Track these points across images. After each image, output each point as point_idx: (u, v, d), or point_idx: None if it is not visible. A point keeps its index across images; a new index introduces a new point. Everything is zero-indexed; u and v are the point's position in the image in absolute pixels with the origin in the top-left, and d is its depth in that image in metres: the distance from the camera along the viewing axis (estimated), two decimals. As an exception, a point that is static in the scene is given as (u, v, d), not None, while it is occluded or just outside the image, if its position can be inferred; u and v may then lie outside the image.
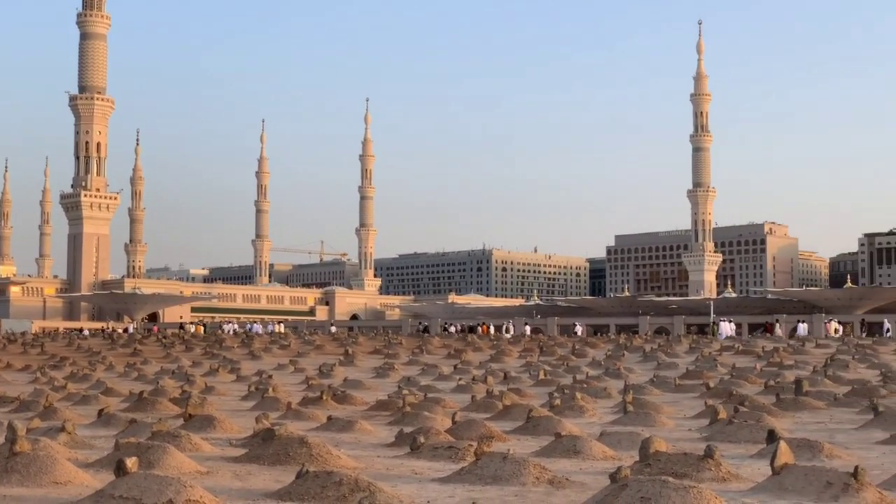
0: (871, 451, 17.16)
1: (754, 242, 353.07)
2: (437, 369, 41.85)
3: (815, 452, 15.60)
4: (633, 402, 24.41)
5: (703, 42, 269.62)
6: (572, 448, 15.98)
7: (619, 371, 39.67)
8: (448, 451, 15.67)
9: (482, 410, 24.29)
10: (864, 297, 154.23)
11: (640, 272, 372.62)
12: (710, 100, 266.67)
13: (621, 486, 10.88)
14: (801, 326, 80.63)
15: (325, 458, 14.56)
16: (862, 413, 23.68)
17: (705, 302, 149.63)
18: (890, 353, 52.23)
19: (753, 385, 32.96)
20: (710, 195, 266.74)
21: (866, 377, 36.38)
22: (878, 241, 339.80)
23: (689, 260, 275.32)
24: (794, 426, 21.39)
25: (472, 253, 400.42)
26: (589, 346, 61.00)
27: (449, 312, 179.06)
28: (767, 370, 39.30)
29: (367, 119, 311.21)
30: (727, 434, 18.65)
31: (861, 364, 43.35)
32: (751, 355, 49.56)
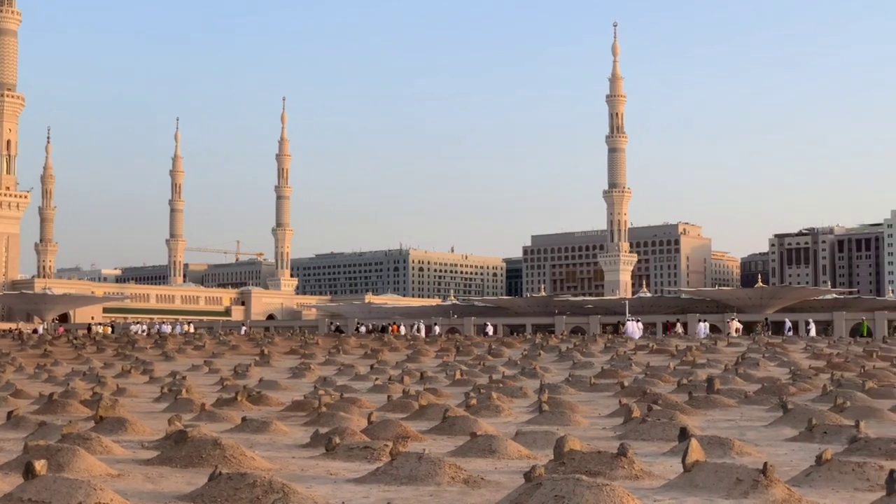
0: (780, 448, 17.45)
1: (668, 243, 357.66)
2: (353, 369, 41.73)
3: (725, 450, 15.82)
4: (549, 401, 24.55)
5: (618, 44, 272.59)
6: (488, 447, 16.02)
7: (535, 370, 39.89)
8: (363, 451, 15.62)
9: (398, 410, 24.26)
10: (774, 297, 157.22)
11: (556, 272, 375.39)
12: (626, 101, 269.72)
13: (535, 485, 10.93)
14: (701, 326, 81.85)
15: (239, 460, 14.42)
16: (771, 410, 24.08)
17: (621, 302, 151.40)
18: (799, 351, 53.23)
19: (667, 384, 33.36)
20: (626, 196, 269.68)
21: (776, 375, 37.03)
22: (787, 241, 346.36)
23: (605, 260, 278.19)
24: (706, 424, 21.68)
25: (389, 253, 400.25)
26: (505, 345, 61.26)
27: (366, 312, 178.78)
28: (681, 369, 39.81)
29: (283, 118, 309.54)
30: (641, 432, 18.83)
31: (771, 362, 44.11)
32: (665, 354, 50.16)
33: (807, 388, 31.15)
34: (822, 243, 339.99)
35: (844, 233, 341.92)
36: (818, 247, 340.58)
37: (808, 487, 12.47)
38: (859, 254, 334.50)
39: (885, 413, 22.89)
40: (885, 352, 50.74)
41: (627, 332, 75.31)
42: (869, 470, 12.79)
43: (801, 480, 12.85)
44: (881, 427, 20.58)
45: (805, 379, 34.19)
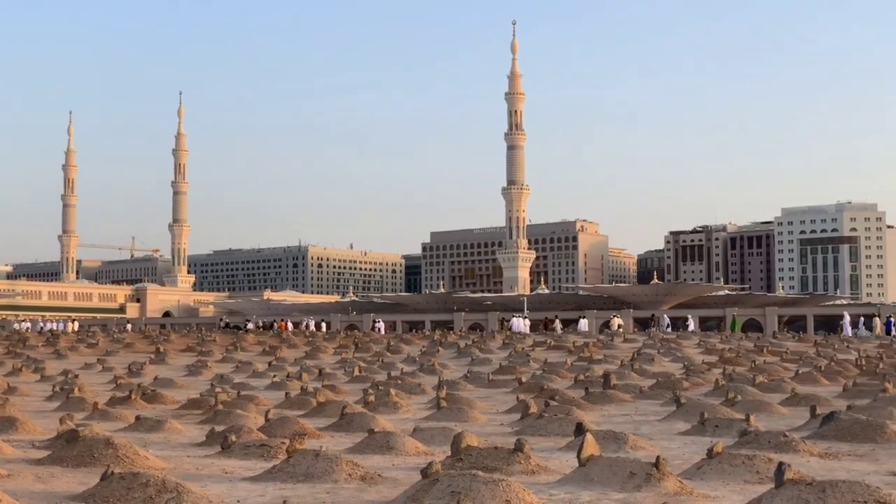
0: (674, 442, 17.75)
1: (566, 240, 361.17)
2: (251, 366, 41.37)
3: (620, 444, 16.04)
4: (447, 397, 24.63)
5: (517, 42, 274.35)
6: (385, 444, 16.01)
7: (434, 367, 39.98)
8: (260, 449, 15.50)
9: (296, 408, 24.12)
10: (669, 293, 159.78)
11: (455, 269, 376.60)
12: (524, 99, 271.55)
13: (432, 481, 10.95)
14: (581, 322, 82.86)
15: (132, 459, 14.20)
16: (666, 405, 24.46)
17: (519, 298, 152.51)
18: (693, 346, 54.18)
19: (564, 379, 33.70)
20: (524, 193, 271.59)
21: (670, 370, 37.66)
22: (682, 238, 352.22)
23: (504, 257, 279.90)
24: (602, 419, 21.95)
25: (287, 249, 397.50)
26: (404, 342, 61.29)
27: (264, 309, 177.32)
28: (578, 365, 40.24)
29: (180, 113, 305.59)
30: (537, 428, 18.99)
31: (665, 357, 44.83)
32: (562, 350, 50.64)
33: (700, 382, 31.73)
34: (715, 241, 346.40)
35: (737, 230, 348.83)
36: (712, 244, 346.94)
37: (700, 480, 12.70)
38: (751, 251, 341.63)
39: (775, 407, 23.43)
40: (775, 347, 51.89)
41: (513, 328, 77.71)
42: (758, 462, 13.06)
43: (693, 473, 13.08)
44: (771, 420, 21.06)
45: (698, 374, 34.81)
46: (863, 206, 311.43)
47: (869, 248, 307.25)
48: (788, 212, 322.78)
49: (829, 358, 42.91)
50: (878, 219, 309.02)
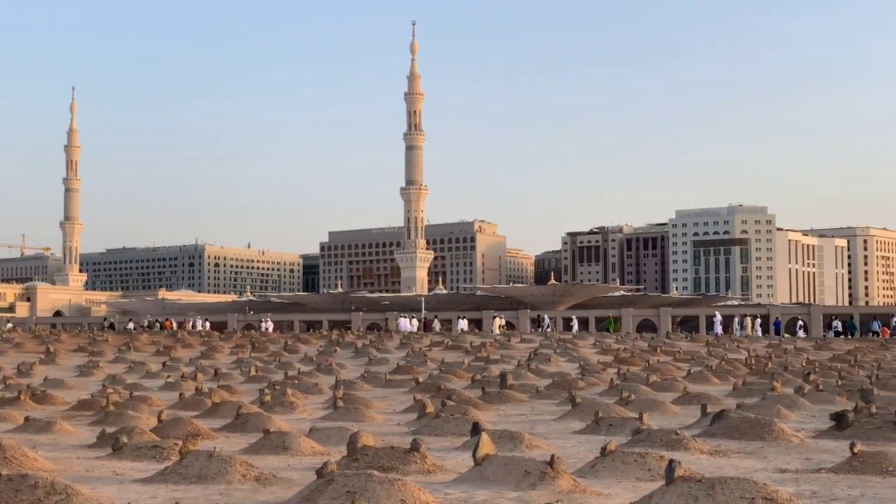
0: (569, 441, 17.93)
1: (465, 240, 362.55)
2: (144, 367, 40.76)
3: (516, 443, 16.15)
4: (344, 397, 24.57)
5: (416, 42, 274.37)
6: (281, 444, 15.90)
7: (331, 367, 39.85)
8: (152, 450, 15.27)
9: (190, 408, 23.83)
10: (566, 294, 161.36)
11: (353, 269, 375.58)
12: (424, 99, 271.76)
13: (327, 481, 10.90)
14: (460, 322, 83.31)
15: (21, 461, 13.87)
16: (561, 404, 24.71)
17: (417, 298, 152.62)
18: (588, 346, 54.82)
19: (461, 379, 33.84)
20: (423, 193, 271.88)
21: (566, 370, 38.05)
22: (579, 239, 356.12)
23: (402, 257, 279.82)
24: (498, 418, 22.09)
25: (183, 248, 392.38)
26: (301, 341, 60.95)
27: (159, 309, 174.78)
28: (475, 365, 40.44)
29: (73, 109, 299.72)
30: (434, 427, 19.04)
31: (562, 357, 45.29)
32: (460, 350, 50.83)
33: (595, 382, 32.13)
34: (611, 242, 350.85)
35: (632, 232, 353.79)
36: (608, 245, 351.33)
37: (594, 478, 12.84)
38: (646, 252, 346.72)
39: (667, 405, 23.83)
40: (668, 347, 52.77)
41: (400, 328, 78.08)
42: (650, 460, 13.26)
43: (587, 471, 13.22)
44: (663, 419, 21.40)
45: (593, 373, 35.26)
46: (753, 209, 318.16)
47: (759, 250, 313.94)
48: (682, 214, 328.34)
49: (720, 357, 43.79)
50: (767, 221, 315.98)
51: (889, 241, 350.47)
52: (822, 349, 53.14)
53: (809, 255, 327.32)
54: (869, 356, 45.85)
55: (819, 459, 15.14)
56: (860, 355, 45.34)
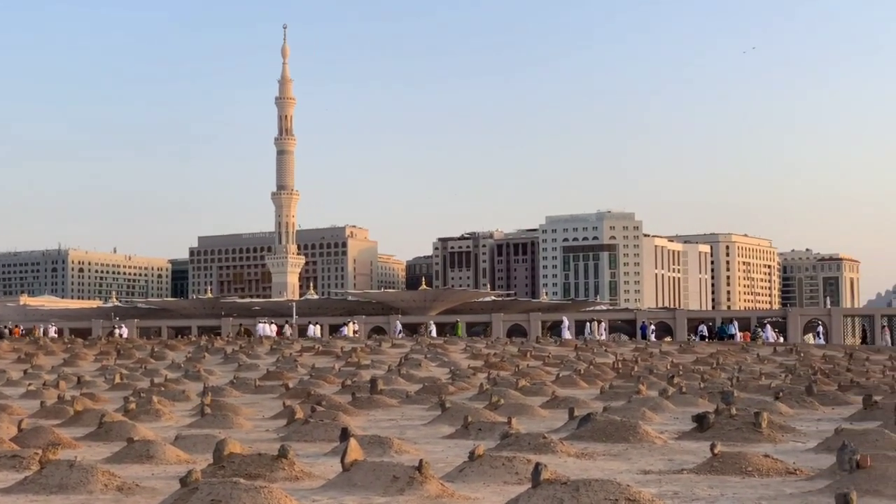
0: (438, 445, 18.00)
1: (336, 245, 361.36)
2: (5, 374, 39.60)
3: (385, 448, 16.14)
4: (212, 404, 24.24)
5: (287, 46, 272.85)
6: (145, 453, 15.61)
7: (199, 373, 39.27)
8: (11, 460, 14.84)
9: (52, 417, 23.24)
10: (437, 299, 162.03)
11: (223, 274, 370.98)
12: (295, 103, 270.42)
13: (191, 490, 10.74)
14: (310, 328, 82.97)
15: None
16: (431, 409, 24.78)
17: (287, 304, 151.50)
18: (459, 351, 55.05)
19: (331, 385, 33.69)
20: (294, 198, 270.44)
21: (437, 375, 38.19)
22: (450, 245, 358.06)
23: (273, 262, 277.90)
24: (368, 424, 22.04)
25: (46, 253, 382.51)
26: (169, 348, 59.89)
27: (21, 315, 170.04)
28: (345, 370, 40.30)
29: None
30: (303, 433, 18.92)
31: (433, 363, 45.41)
32: (331, 355, 50.58)
33: (465, 386, 32.32)
34: (482, 247, 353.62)
35: (503, 238, 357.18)
36: (479, 251, 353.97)
37: (462, 482, 12.91)
38: (517, 258, 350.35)
39: (536, 409, 24.10)
40: (538, 351, 53.32)
41: (259, 333, 77.40)
42: (518, 464, 13.39)
43: (456, 476, 13.28)
44: (532, 423, 21.63)
45: (464, 378, 35.46)
46: (621, 215, 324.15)
47: (627, 255, 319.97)
48: (552, 220, 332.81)
49: (588, 362, 44.42)
50: (635, 227, 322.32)
51: (750, 248, 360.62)
52: (686, 352, 54.34)
53: (675, 260, 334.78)
54: (731, 359, 47.05)
55: (681, 460, 15.48)
56: (722, 358, 46.50)
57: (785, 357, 50.80)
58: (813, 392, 27.16)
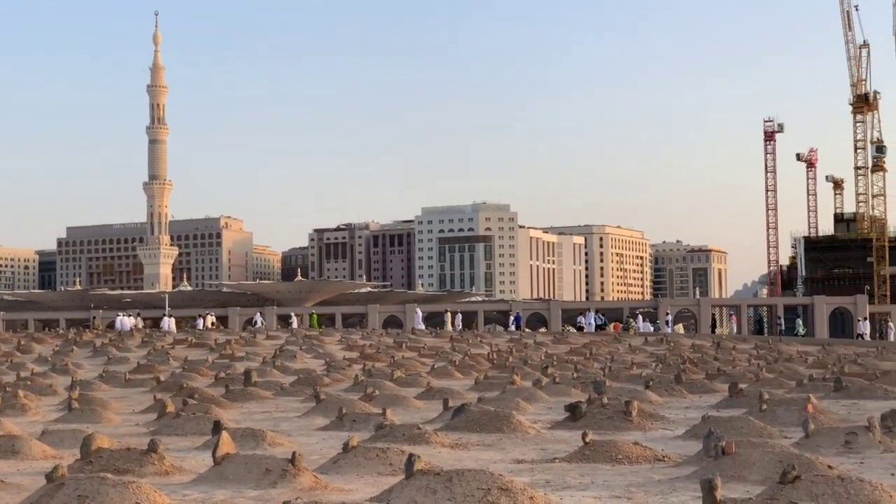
0: (312, 437, 17.91)
1: (210, 236, 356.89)
2: None
3: (258, 441, 15.99)
4: (80, 398, 23.70)
5: (160, 33, 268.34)
6: (10, 449, 15.20)
7: (67, 367, 38.39)
8: None
9: (-90, 413, 22.45)
10: (312, 290, 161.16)
11: (93, 265, 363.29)
12: (167, 92, 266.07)
13: (58, 486, 10.49)
14: (164, 321, 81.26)
15: None
16: (306, 401, 24.65)
17: (160, 295, 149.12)
18: (335, 343, 54.85)
19: (204, 377, 33.25)
20: (167, 188, 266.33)
21: (312, 367, 37.98)
22: (326, 236, 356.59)
23: (145, 253, 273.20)
24: (242, 416, 21.83)
25: None
26: (36, 341, 58.41)
27: None
28: (219, 362, 39.81)
29: None
30: (175, 427, 18.64)
31: (308, 354, 45.16)
32: (204, 348, 49.93)
33: (340, 378, 32.23)
34: (358, 239, 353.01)
35: (379, 229, 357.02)
36: (355, 242, 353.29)
37: (336, 474, 12.87)
38: (392, 249, 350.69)
39: (411, 400, 24.16)
40: (413, 342, 53.45)
41: (117, 327, 75.42)
42: (392, 455, 13.40)
43: (329, 468, 13.24)
44: (407, 414, 21.67)
45: (339, 370, 35.35)
46: (497, 206, 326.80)
47: (502, 246, 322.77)
48: (428, 211, 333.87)
49: (463, 353, 44.70)
50: (510, 219, 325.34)
51: (623, 239, 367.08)
52: (560, 343, 55.05)
53: (549, 251, 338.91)
54: (603, 349, 47.82)
55: (554, 449, 15.67)
56: (595, 349, 47.23)
57: (656, 347, 51.85)
58: (682, 381, 27.76)
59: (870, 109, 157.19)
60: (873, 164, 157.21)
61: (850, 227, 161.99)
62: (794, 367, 35.63)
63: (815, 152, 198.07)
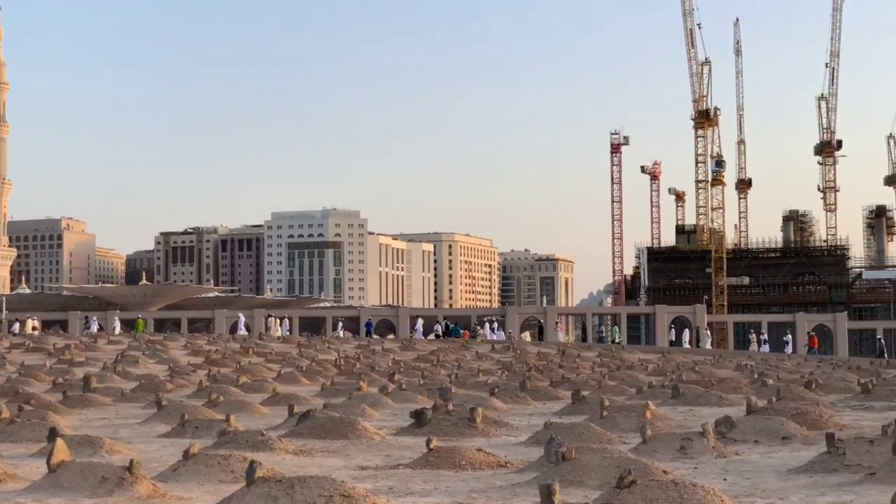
0: (153, 444, 17.57)
1: (51, 238, 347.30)
2: None
3: (96, 448, 15.60)
4: None
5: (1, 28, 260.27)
6: None
7: None
8: None
9: None
10: (158, 294, 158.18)
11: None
12: (9, 88, 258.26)
13: None
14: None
15: None
16: (147, 407, 24.15)
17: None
18: (179, 348, 53.92)
19: (42, 383, 32.32)
20: (6, 188, 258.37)
21: (155, 372, 37.26)
22: (173, 239, 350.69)
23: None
24: (80, 423, 21.27)
25: None
26: None
27: None
28: (57, 367, 38.73)
29: None
30: (9, 434, 18.06)
31: (151, 359, 44.28)
32: (42, 352, 48.49)
33: (184, 384, 31.69)
34: (206, 242, 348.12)
35: (228, 233, 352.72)
36: (203, 245, 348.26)
37: (175, 482, 12.65)
38: (241, 253, 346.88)
39: (256, 406, 23.91)
40: (260, 348, 52.90)
41: None
42: (234, 462, 13.24)
43: (169, 476, 13.00)
44: (251, 420, 21.43)
45: (183, 375, 34.77)
46: (347, 212, 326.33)
47: (352, 252, 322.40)
48: (278, 216, 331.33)
49: (310, 358, 44.45)
50: (360, 225, 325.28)
51: (472, 247, 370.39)
52: (407, 349, 55.20)
53: (399, 258, 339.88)
54: (451, 356, 48.15)
55: (398, 456, 15.71)
56: (442, 355, 47.51)
57: (502, 354, 52.43)
58: (526, 388, 28.13)
59: (710, 125, 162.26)
60: (713, 178, 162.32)
61: (690, 238, 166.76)
62: (635, 375, 36.50)
63: (658, 165, 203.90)
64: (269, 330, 79.87)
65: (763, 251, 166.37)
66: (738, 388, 29.54)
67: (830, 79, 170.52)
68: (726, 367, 44.58)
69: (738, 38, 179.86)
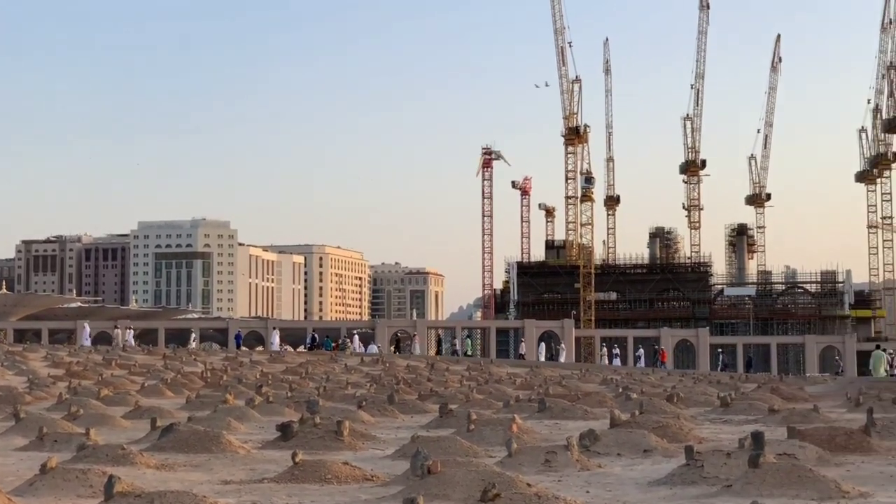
0: (10, 458, 17.10)
1: None
2: None
3: (-52, 463, 15.12)
4: None
5: None
6: None
7: None
8: None
9: None
10: (18, 304, 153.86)
11: None
12: None
13: None
14: None
15: None
16: (5, 420, 23.49)
17: None
18: (40, 359, 52.56)
19: None
20: None
21: (13, 384, 36.22)
22: (35, 248, 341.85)
23: None
24: (-68, 436, 20.58)
25: None
26: None
27: None
28: None
29: None
30: None
31: (9, 370, 43.06)
32: None
33: (44, 396, 30.90)
34: (69, 251, 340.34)
35: (92, 242, 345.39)
36: (66, 254, 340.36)
37: (32, 497, 12.34)
38: (106, 263, 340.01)
39: (118, 420, 23.43)
40: (124, 360, 51.88)
41: None
42: (92, 476, 12.96)
43: (25, 490, 12.68)
44: (112, 433, 20.98)
45: (42, 387, 33.88)
46: (216, 223, 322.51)
47: (221, 264, 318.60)
48: (145, 225, 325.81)
49: (176, 371, 43.74)
50: (230, 236, 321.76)
51: (343, 260, 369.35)
52: (276, 362, 54.74)
53: (269, 270, 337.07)
54: (319, 369, 47.91)
55: (263, 469, 15.55)
56: (311, 368, 47.25)
57: (371, 367, 52.39)
58: (394, 401, 28.14)
59: (580, 142, 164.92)
60: (582, 195, 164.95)
61: (559, 253, 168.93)
62: (503, 389, 36.80)
63: (529, 181, 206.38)
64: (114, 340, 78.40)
65: (630, 267, 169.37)
66: (603, 401, 30.03)
67: (695, 100, 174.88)
68: (593, 381, 45.30)
69: (607, 57, 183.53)
